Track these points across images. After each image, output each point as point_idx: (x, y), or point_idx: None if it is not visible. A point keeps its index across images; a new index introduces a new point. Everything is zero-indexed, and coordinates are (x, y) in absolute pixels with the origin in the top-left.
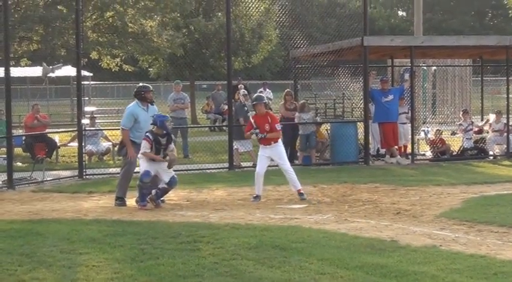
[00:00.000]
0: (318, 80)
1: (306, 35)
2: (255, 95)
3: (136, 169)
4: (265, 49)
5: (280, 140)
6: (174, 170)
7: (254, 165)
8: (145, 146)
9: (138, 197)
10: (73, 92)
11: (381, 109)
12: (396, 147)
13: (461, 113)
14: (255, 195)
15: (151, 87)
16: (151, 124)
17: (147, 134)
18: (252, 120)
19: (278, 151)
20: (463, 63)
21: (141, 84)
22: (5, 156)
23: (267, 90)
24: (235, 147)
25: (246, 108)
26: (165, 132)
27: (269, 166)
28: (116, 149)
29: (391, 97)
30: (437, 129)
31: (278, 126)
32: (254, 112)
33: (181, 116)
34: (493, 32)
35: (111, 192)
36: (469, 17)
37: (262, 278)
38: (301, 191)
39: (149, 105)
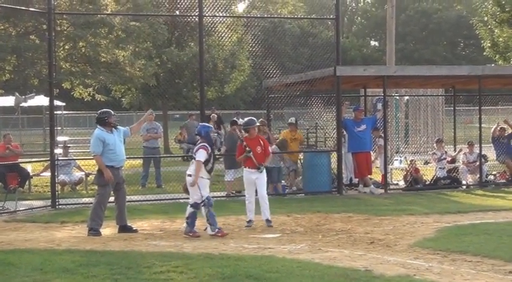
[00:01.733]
0: (291, 109)
1: (279, 65)
2: (247, 118)
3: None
4: (238, 79)
5: None
6: (146, 200)
7: (228, 195)
8: (202, 155)
9: (213, 225)
10: (45, 121)
11: (354, 139)
12: (370, 176)
13: (435, 142)
14: (248, 220)
15: (112, 112)
16: (195, 134)
17: (202, 144)
18: (245, 143)
19: (263, 176)
20: (436, 93)
21: (103, 110)
22: None
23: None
24: (227, 179)
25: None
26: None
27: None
28: (89, 178)
29: (363, 127)
30: (412, 160)
31: (270, 149)
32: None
33: (154, 145)
34: (465, 62)
35: (84, 222)
36: (441, 47)
37: None
38: (270, 219)
39: (113, 129)
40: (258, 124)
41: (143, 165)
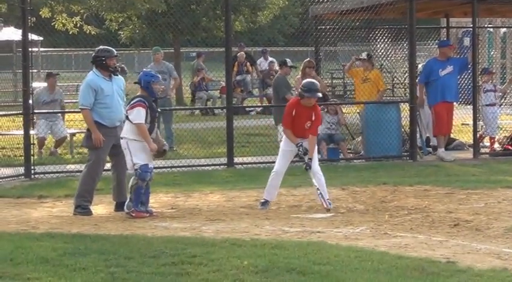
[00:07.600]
0: (347, 46)
1: None
2: (306, 81)
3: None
4: (275, 5)
5: None
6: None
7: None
8: (140, 114)
9: (132, 202)
10: (17, 62)
11: (436, 85)
12: (451, 135)
13: None
14: (263, 201)
15: (115, 51)
16: (134, 82)
17: (138, 98)
18: (293, 111)
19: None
20: None
21: (101, 47)
22: None
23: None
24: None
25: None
26: (152, 98)
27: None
28: (74, 139)
29: (450, 68)
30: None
31: (318, 129)
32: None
33: (163, 94)
34: None
35: (70, 197)
36: None
37: None
38: (329, 201)
39: (113, 75)
40: (320, 95)
41: None
